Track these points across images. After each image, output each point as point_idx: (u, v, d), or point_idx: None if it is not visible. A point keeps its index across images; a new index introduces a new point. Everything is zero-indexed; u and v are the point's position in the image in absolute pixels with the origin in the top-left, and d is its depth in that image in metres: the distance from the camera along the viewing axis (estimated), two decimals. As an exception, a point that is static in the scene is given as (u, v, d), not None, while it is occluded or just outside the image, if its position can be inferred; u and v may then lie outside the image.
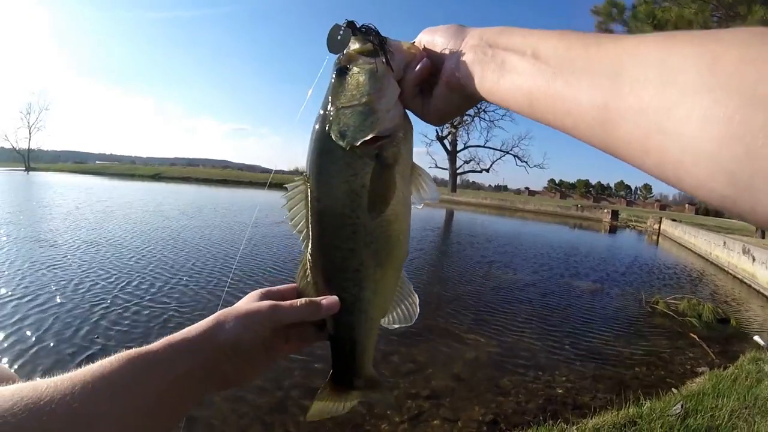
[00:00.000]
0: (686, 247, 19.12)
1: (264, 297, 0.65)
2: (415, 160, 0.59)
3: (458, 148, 59.97)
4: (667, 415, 3.46)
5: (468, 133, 60.76)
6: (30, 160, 74.27)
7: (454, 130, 58.35)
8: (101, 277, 7.18)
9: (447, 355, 5.12)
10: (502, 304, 7.61)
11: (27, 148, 76.27)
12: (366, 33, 0.57)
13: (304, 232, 0.61)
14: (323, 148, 0.57)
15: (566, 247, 16.51)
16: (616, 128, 0.34)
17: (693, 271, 13.40)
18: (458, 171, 60.86)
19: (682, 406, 3.56)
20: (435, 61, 0.56)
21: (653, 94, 0.31)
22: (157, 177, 57.21)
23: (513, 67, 0.46)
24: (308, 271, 0.62)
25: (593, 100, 0.36)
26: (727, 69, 0.28)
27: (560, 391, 4.48)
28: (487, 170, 62.91)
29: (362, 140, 0.54)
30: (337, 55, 0.57)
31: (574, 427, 3.32)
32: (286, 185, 0.61)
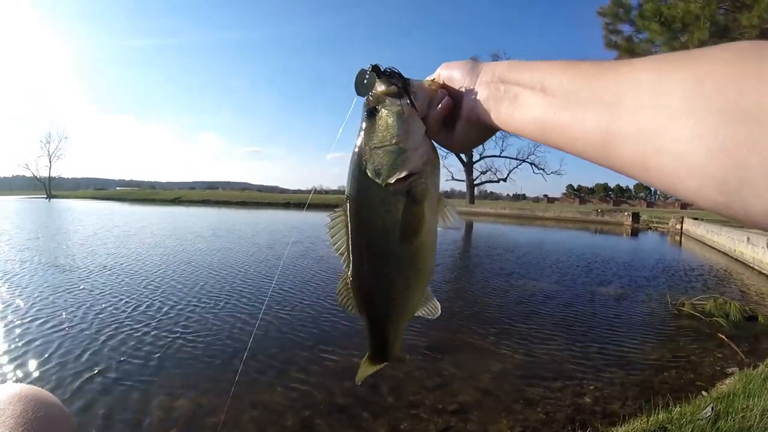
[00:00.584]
0: (710, 246, 18.82)
1: None
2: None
3: (474, 159, 59.81)
4: (698, 419, 3.42)
5: (483, 144, 60.60)
6: (51, 187, 75.81)
7: (468, 142, 58.25)
8: (119, 302, 7.29)
9: (472, 368, 5.12)
10: (526, 314, 7.57)
11: (48, 176, 77.87)
12: (390, 76, 0.62)
13: (344, 255, 0.68)
14: (360, 183, 0.63)
15: (588, 254, 16.32)
16: (618, 150, 0.39)
17: (718, 270, 13.17)
18: (475, 182, 60.69)
19: (712, 409, 3.52)
20: (454, 96, 0.61)
21: (648, 118, 0.35)
22: (177, 201, 58.02)
23: (524, 101, 0.50)
24: (348, 286, 0.70)
25: (597, 126, 0.40)
26: (711, 89, 0.31)
27: (588, 400, 4.45)
28: (504, 180, 62.57)
29: (396, 178, 0.60)
30: (366, 97, 0.63)
31: (603, 436, 3.29)
32: (328, 215, 0.67)
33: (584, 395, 4.53)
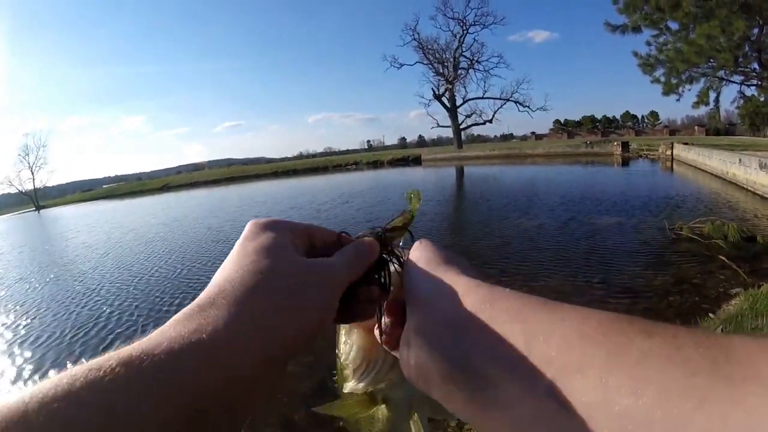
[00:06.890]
0: (702, 170, 18.83)
1: (303, 238, 0.40)
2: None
3: (458, 104, 58.99)
4: (709, 340, 3.47)
5: (465, 87, 59.52)
6: (38, 198, 73.72)
7: (450, 86, 57.46)
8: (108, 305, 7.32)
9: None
10: (526, 252, 7.64)
11: (33, 188, 75.71)
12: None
13: None
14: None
15: (582, 186, 16.40)
16: None
17: (712, 193, 13.27)
18: (461, 126, 59.97)
19: (722, 330, 3.57)
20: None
21: None
22: (165, 188, 56.52)
23: (505, 399, 0.25)
24: None
25: None
26: None
27: (598, 330, 4.50)
28: (490, 121, 61.63)
29: (342, 391, 0.51)
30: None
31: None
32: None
33: (593, 326, 4.58)
